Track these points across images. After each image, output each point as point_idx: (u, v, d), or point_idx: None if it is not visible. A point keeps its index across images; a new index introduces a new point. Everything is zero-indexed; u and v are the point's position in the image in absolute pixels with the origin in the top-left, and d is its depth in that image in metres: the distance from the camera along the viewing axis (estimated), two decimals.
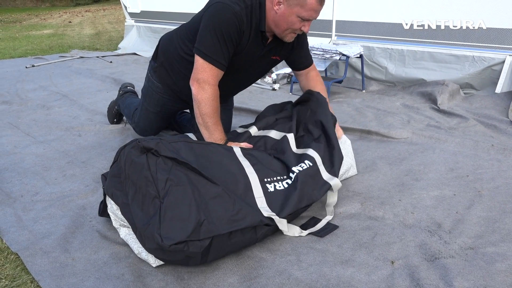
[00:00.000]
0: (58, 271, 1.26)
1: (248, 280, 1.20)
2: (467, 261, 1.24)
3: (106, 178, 1.41)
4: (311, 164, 1.54)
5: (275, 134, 1.74)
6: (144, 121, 2.13)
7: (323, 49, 3.23)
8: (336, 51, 3.15)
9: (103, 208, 1.43)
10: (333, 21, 3.67)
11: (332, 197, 1.58)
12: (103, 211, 1.44)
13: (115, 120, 2.64)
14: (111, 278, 1.22)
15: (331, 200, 1.58)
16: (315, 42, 3.48)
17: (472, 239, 1.35)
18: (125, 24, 6.31)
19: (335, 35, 3.71)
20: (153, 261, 1.26)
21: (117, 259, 1.31)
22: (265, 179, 1.44)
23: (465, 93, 3.01)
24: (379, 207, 1.57)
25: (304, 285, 1.17)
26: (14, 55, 5.88)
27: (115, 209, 1.35)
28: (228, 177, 1.36)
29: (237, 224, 1.24)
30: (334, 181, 1.54)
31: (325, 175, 1.55)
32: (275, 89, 3.48)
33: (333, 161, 1.60)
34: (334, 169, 1.58)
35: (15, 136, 2.49)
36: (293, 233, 1.41)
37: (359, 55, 3.25)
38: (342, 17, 3.61)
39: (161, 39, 1.96)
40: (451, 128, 2.40)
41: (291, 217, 1.44)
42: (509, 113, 2.53)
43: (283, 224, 1.37)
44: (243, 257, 1.30)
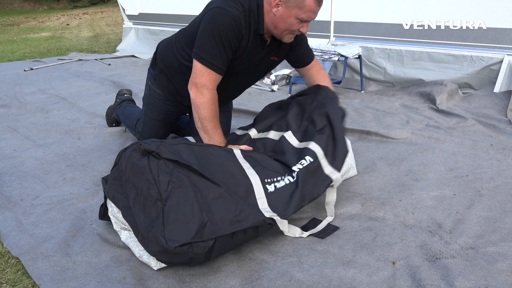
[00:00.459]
0: (59, 275, 1.25)
1: (249, 282, 1.20)
2: (468, 261, 1.25)
3: (106, 181, 1.41)
4: (312, 159, 1.53)
5: (273, 134, 1.74)
6: (149, 130, 2.10)
7: (321, 50, 3.23)
8: (334, 52, 3.16)
9: (104, 211, 1.43)
10: (331, 22, 3.67)
11: (331, 195, 1.56)
12: (103, 214, 1.44)
13: (114, 124, 2.65)
14: (112, 281, 1.22)
15: (330, 198, 1.56)
16: (313, 43, 3.48)
17: (472, 239, 1.36)
18: (123, 26, 6.31)
19: (334, 36, 3.71)
20: (155, 264, 1.25)
21: (118, 262, 1.31)
22: (266, 180, 1.44)
23: (463, 93, 3.02)
24: (380, 207, 1.57)
25: (305, 287, 1.17)
26: (12, 58, 5.87)
27: (115, 212, 1.35)
28: (229, 178, 1.37)
29: (240, 224, 1.24)
30: (335, 175, 1.52)
31: (327, 169, 1.53)
32: (274, 90, 3.48)
33: (336, 154, 1.57)
34: (336, 163, 1.55)
35: (14, 139, 2.49)
36: (293, 234, 1.41)
37: (357, 56, 3.26)
38: (340, 18, 3.62)
39: (159, 46, 1.95)
40: (450, 128, 2.40)
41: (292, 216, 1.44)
42: (507, 113, 2.53)
43: (284, 224, 1.37)
44: (244, 259, 1.30)
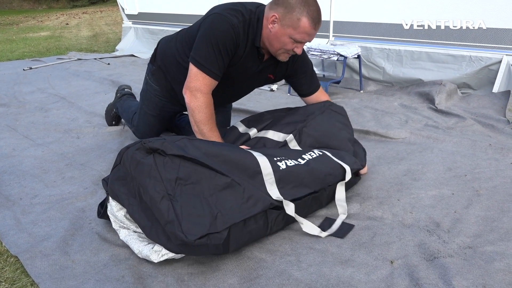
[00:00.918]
0: (58, 274, 1.25)
1: (248, 281, 1.20)
2: (466, 260, 1.25)
3: (106, 182, 1.40)
4: (321, 153, 1.56)
5: (272, 134, 1.73)
6: (144, 125, 2.13)
7: (320, 50, 3.24)
8: (333, 51, 3.16)
9: (103, 210, 1.43)
10: (331, 21, 3.68)
11: (340, 192, 1.55)
12: (102, 213, 1.44)
13: (114, 122, 2.64)
14: (111, 280, 1.22)
15: (340, 195, 1.55)
16: (312, 43, 3.49)
17: (470, 238, 1.36)
18: (123, 25, 6.31)
19: (333, 36, 3.72)
20: (155, 257, 1.25)
21: (117, 261, 1.31)
22: (275, 158, 1.43)
23: (462, 93, 3.02)
24: (378, 207, 1.58)
25: (304, 286, 1.17)
26: (11, 58, 5.87)
27: (115, 211, 1.35)
28: (235, 164, 1.35)
29: (249, 211, 1.26)
30: (346, 166, 1.55)
31: (338, 161, 1.56)
32: (273, 90, 3.48)
33: (343, 156, 1.62)
34: (345, 162, 1.59)
35: (13, 138, 2.49)
36: (311, 231, 1.39)
37: (356, 56, 3.26)
38: (339, 18, 3.62)
39: (160, 42, 1.96)
40: (449, 127, 2.41)
41: (305, 212, 1.46)
42: (506, 113, 2.54)
43: (290, 208, 1.35)
44: (243, 258, 1.31)
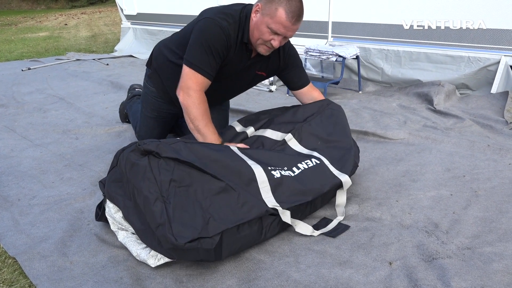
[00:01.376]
0: (56, 275, 1.25)
1: (246, 282, 1.20)
2: (464, 261, 1.25)
3: (103, 184, 1.40)
4: (318, 162, 1.54)
5: (271, 133, 1.72)
6: (145, 129, 2.14)
7: (319, 51, 3.24)
8: (332, 52, 3.16)
9: (101, 212, 1.43)
10: (329, 22, 3.68)
11: (341, 197, 1.57)
12: (100, 215, 1.44)
13: (127, 120, 2.68)
14: (109, 281, 1.22)
15: (340, 200, 1.56)
16: (311, 43, 3.49)
17: (469, 239, 1.36)
18: (122, 26, 6.30)
19: (331, 37, 3.72)
20: (153, 262, 1.25)
21: (116, 262, 1.31)
22: (269, 167, 1.42)
23: (461, 94, 3.03)
24: (377, 208, 1.58)
25: (302, 287, 1.17)
26: (10, 58, 5.86)
27: (113, 213, 1.35)
28: (230, 170, 1.34)
29: (243, 217, 1.24)
30: (344, 177, 1.54)
31: (335, 172, 1.55)
32: (272, 90, 3.48)
33: (344, 162, 1.60)
34: (345, 169, 1.57)
35: (12, 139, 2.48)
36: (304, 231, 1.41)
37: (355, 56, 3.27)
38: (338, 19, 3.63)
39: (154, 47, 2.02)
40: (447, 128, 2.41)
41: (300, 216, 1.45)
42: (504, 113, 2.54)
43: (286, 215, 1.35)
44: (241, 259, 1.30)
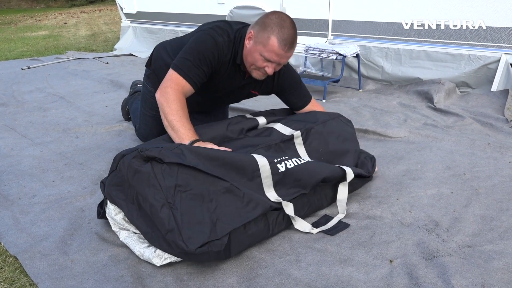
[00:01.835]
0: (57, 274, 1.25)
1: (247, 280, 1.20)
2: (465, 259, 1.25)
3: (104, 184, 1.38)
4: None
5: (280, 127, 1.74)
6: (144, 127, 2.16)
7: (319, 49, 3.23)
8: (332, 50, 3.16)
9: (104, 211, 1.42)
10: (329, 20, 3.67)
11: (342, 193, 1.58)
12: (102, 214, 1.43)
13: (129, 117, 2.68)
14: (110, 280, 1.22)
15: (342, 196, 1.58)
16: (311, 41, 3.49)
17: (469, 237, 1.36)
18: (121, 25, 6.30)
19: (331, 35, 3.72)
20: (158, 261, 1.25)
21: (116, 261, 1.31)
22: (275, 160, 1.43)
23: (461, 92, 3.03)
24: (377, 206, 1.58)
25: (303, 285, 1.17)
26: (9, 57, 5.85)
27: (113, 215, 1.35)
28: (233, 166, 1.34)
29: (249, 215, 1.27)
30: (347, 169, 1.56)
31: (338, 165, 1.60)
32: None
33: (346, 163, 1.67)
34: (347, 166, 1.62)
35: (12, 138, 2.48)
36: (303, 228, 1.42)
37: (355, 55, 3.26)
38: (338, 17, 3.62)
39: (155, 48, 2.04)
40: (447, 126, 2.41)
41: (304, 213, 1.47)
42: (505, 111, 2.54)
43: (289, 208, 1.39)
44: (242, 257, 1.31)
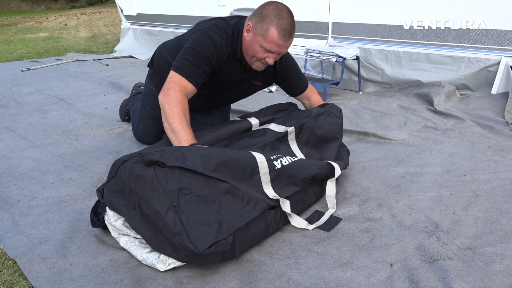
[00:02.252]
0: (56, 277, 1.25)
1: (247, 284, 1.20)
2: (465, 262, 1.25)
3: (101, 193, 1.36)
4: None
5: (274, 126, 1.76)
6: (142, 127, 2.17)
7: (319, 51, 3.24)
8: (332, 53, 3.16)
9: (100, 220, 1.40)
10: (329, 23, 3.68)
11: (331, 189, 1.61)
12: (98, 224, 1.41)
13: (127, 117, 2.68)
14: (109, 283, 1.22)
15: (330, 192, 1.61)
16: (311, 44, 3.49)
17: (470, 239, 1.36)
18: (121, 27, 6.30)
19: (332, 37, 3.72)
20: (162, 266, 1.25)
21: (116, 265, 1.30)
22: (271, 157, 1.47)
23: (461, 94, 3.03)
24: (377, 209, 1.58)
25: None
26: (9, 59, 5.85)
27: (112, 221, 1.33)
28: (234, 164, 1.36)
29: (250, 214, 1.30)
30: (335, 165, 1.61)
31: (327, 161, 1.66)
32: (272, 91, 3.48)
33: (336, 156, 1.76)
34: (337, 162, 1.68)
35: (12, 140, 2.48)
36: (299, 225, 1.46)
37: (355, 57, 3.26)
38: (338, 19, 3.63)
39: (157, 48, 2.05)
40: (447, 129, 2.41)
41: (297, 210, 1.51)
42: (505, 114, 2.54)
43: (286, 205, 1.42)
44: (242, 261, 1.30)
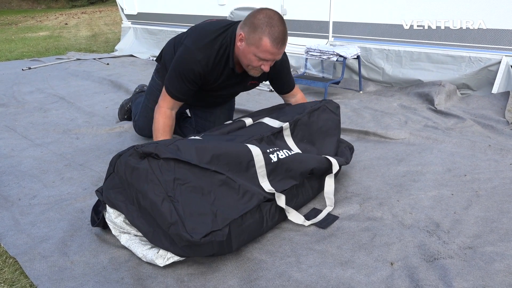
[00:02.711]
0: (57, 275, 1.25)
1: (248, 282, 1.20)
2: (466, 261, 1.25)
3: (101, 192, 1.37)
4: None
5: (268, 120, 1.75)
6: (143, 119, 2.20)
7: (320, 51, 3.24)
8: (333, 52, 3.16)
9: (100, 219, 1.41)
10: (330, 22, 3.68)
11: (329, 185, 1.62)
12: (98, 222, 1.42)
13: (126, 116, 2.68)
14: (110, 281, 1.22)
15: (328, 188, 1.62)
16: (312, 43, 3.49)
17: (470, 239, 1.36)
18: (122, 26, 6.30)
19: (332, 37, 3.72)
20: (161, 261, 1.25)
21: (117, 263, 1.30)
22: (267, 150, 1.48)
23: (461, 94, 3.02)
24: (378, 208, 1.58)
25: (304, 287, 1.17)
26: (10, 58, 5.86)
27: (113, 218, 1.34)
28: (229, 157, 1.36)
29: (246, 206, 1.30)
30: (333, 160, 1.61)
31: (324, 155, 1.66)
32: (272, 90, 3.48)
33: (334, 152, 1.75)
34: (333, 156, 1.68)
35: (12, 139, 2.48)
36: (296, 220, 1.47)
37: (356, 56, 3.26)
38: (338, 19, 3.63)
39: (167, 43, 2.08)
40: (448, 128, 2.41)
41: (293, 205, 1.51)
42: (505, 113, 2.54)
43: (281, 200, 1.42)
44: (242, 259, 1.30)
